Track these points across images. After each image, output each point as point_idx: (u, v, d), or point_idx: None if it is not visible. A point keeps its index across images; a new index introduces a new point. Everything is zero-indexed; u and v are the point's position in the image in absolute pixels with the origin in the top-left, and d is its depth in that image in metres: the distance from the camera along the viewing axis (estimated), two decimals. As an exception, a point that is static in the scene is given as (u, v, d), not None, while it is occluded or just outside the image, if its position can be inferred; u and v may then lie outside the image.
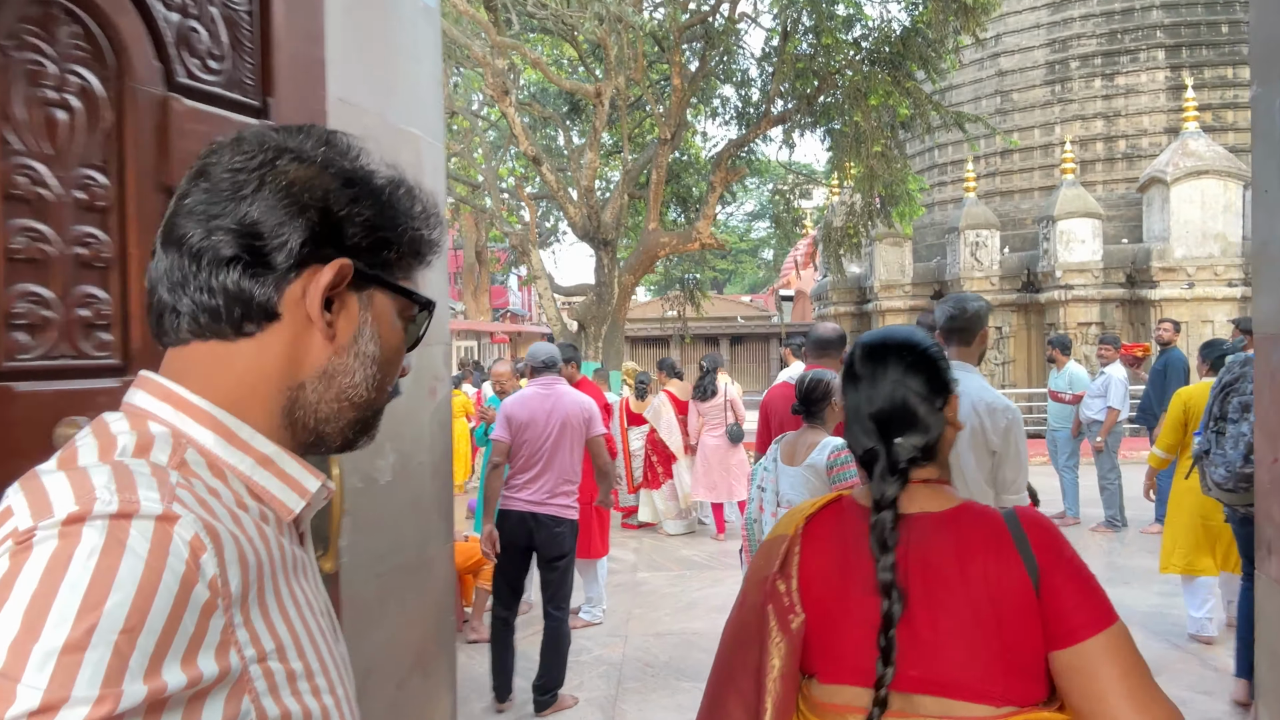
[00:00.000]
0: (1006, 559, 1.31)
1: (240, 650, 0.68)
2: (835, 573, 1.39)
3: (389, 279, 0.84)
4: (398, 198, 0.84)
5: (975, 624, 1.29)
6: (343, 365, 0.82)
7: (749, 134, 13.40)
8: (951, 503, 1.40)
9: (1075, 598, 1.31)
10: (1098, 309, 16.56)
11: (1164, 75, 17.89)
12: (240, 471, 0.77)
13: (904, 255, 18.96)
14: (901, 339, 1.49)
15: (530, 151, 11.76)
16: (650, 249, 13.86)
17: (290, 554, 0.80)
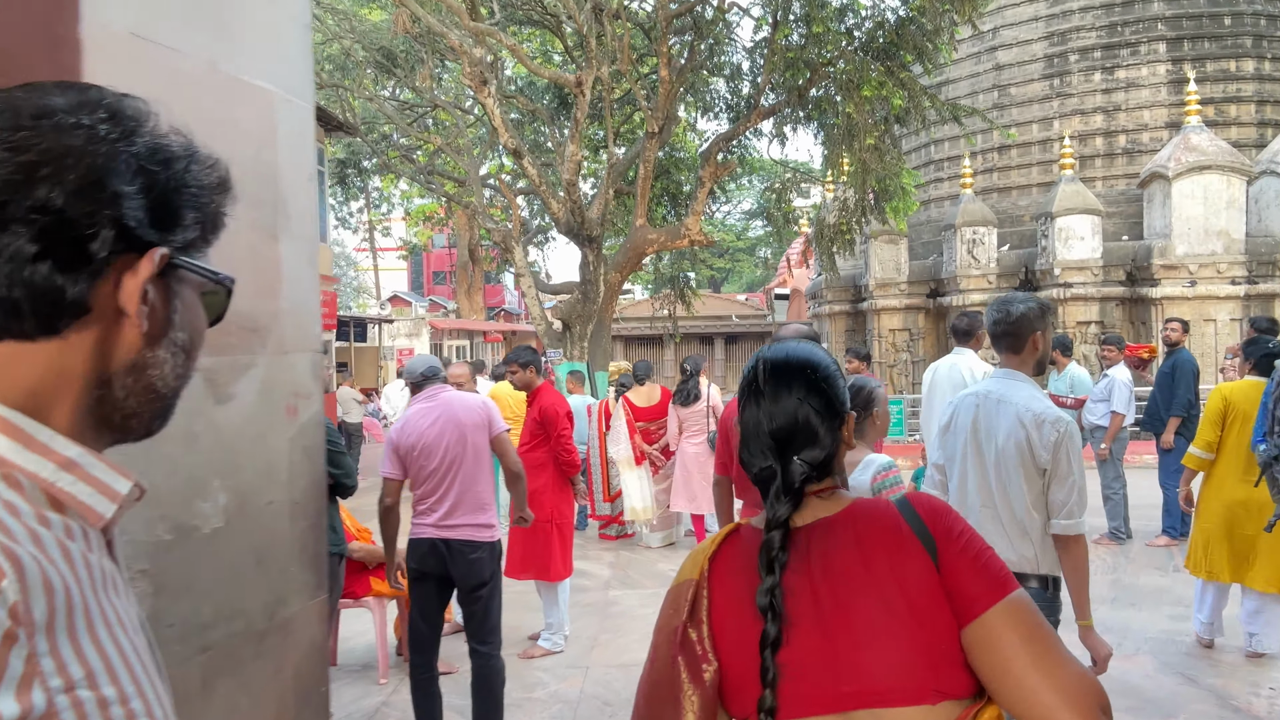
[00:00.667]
0: (906, 546, 1.27)
1: (45, 682, 0.62)
2: (747, 608, 1.29)
3: (194, 262, 0.78)
4: (196, 171, 0.77)
5: (892, 622, 1.24)
6: (154, 358, 0.76)
7: (738, 127, 12.87)
8: (844, 503, 1.34)
9: (970, 570, 1.26)
10: (1097, 308, 16.03)
11: (1165, 68, 17.35)
12: (41, 479, 0.70)
13: (900, 253, 18.44)
14: (804, 357, 1.41)
15: (511, 144, 11.23)
16: (638, 246, 13.34)
17: (99, 569, 0.73)
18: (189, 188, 0.76)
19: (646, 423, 8.11)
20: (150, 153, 0.73)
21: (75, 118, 0.70)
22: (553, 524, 5.26)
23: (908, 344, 18.62)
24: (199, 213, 0.77)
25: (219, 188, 0.79)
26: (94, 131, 0.71)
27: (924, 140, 20.04)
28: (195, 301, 0.79)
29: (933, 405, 5.61)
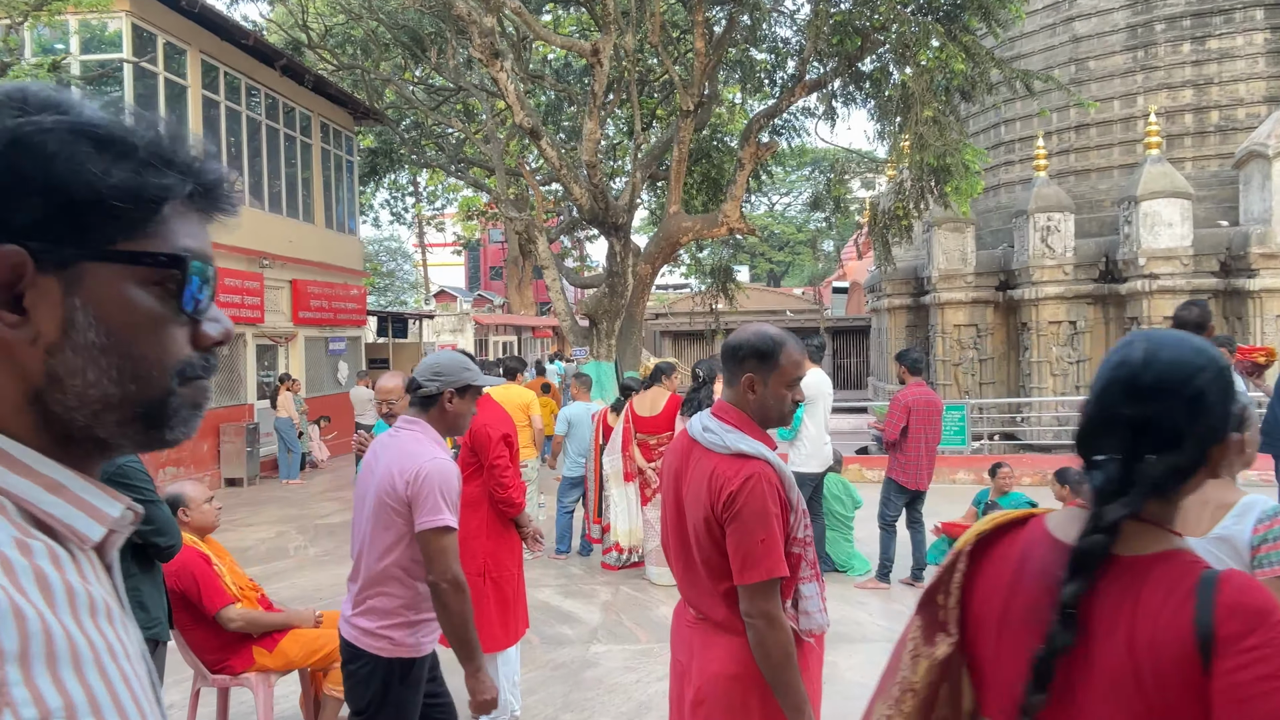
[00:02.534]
0: (1176, 637, 1.12)
1: (16, 712, 0.59)
2: (1002, 598, 1.26)
3: (95, 249, 0.69)
4: (83, 145, 0.68)
5: (1127, 690, 1.13)
6: (65, 365, 0.69)
7: (780, 103, 11.50)
8: (1163, 546, 1.20)
9: (1251, 700, 1.06)
10: (1187, 301, 14.21)
11: (1263, 37, 15.36)
12: (26, 501, 0.68)
13: (966, 242, 16.79)
14: (1196, 347, 1.25)
15: (527, 123, 10.06)
16: (671, 235, 12.07)
17: (85, 596, 0.68)
18: (68, 166, 0.67)
19: (647, 435, 6.81)
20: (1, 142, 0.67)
21: None
22: (487, 578, 4.02)
23: (974, 341, 16.95)
24: (91, 191, 0.68)
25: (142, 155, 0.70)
26: None
27: (993, 119, 18.31)
28: (126, 293, 0.70)
29: None
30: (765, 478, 2.20)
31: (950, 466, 11.21)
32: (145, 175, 0.70)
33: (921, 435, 6.44)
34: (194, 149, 0.75)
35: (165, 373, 0.72)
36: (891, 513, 6.55)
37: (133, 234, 0.70)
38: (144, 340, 0.71)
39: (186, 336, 0.74)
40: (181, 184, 0.73)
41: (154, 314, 0.72)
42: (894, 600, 6.34)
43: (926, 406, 6.49)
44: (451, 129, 14.03)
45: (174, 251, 0.72)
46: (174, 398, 0.73)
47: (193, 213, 0.75)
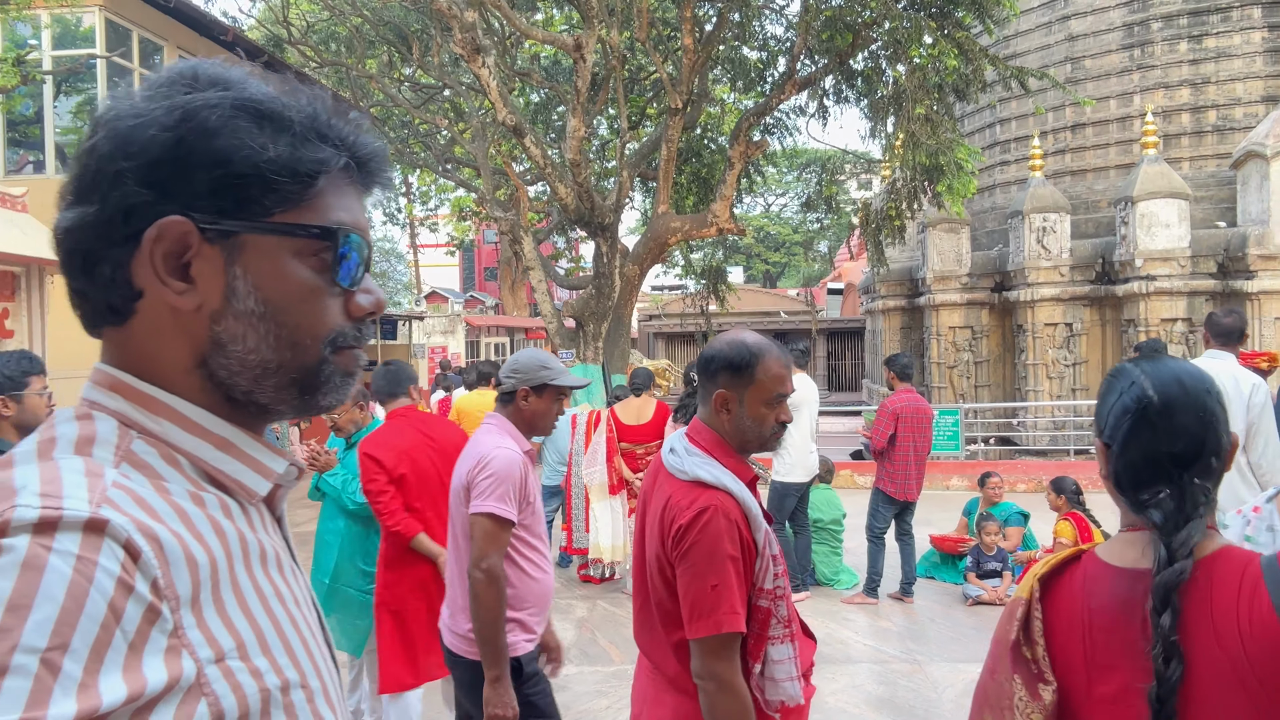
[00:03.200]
0: (1259, 621, 1.18)
1: (194, 652, 0.63)
2: (1082, 635, 1.31)
3: (254, 220, 0.72)
4: (245, 120, 0.71)
5: (1230, 692, 1.19)
6: (227, 332, 0.72)
7: (771, 100, 11.21)
8: (1214, 546, 1.27)
9: None
10: (1184, 303, 13.94)
11: (1261, 36, 15.10)
12: (198, 457, 0.72)
13: (960, 242, 16.52)
14: (1198, 374, 1.37)
15: (510, 121, 9.77)
16: (660, 235, 11.78)
17: (256, 544, 0.74)
18: (230, 142, 0.70)
19: (633, 444, 6.52)
20: (183, 113, 0.70)
21: (127, 100, 0.72)
22: (385, 609, 3.64)
23: (969, 343, 16.68)
24: (251, 166, 0.71)
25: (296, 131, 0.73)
26: (125, 107, 0.71)
27: (988, 119, 18.05)
28: (283, 264, 0.73)
29: None
30: (723, 512, 1.88)
31: (943, 473, 10.93)
32: (301, 149, 0.73)
33: (910, 444, 6.14)
34: (349, 124, 0.77)
35: (318, 341, 0.75)
36: (880, 524, 6.25)
37: (290, 206, 0.73)
38: (299, 309, 0.74)
39: (340, 307, 0.76)
40: (336, 157, 0.75)
41: (308, 284, 0.74)
42: (882, 617, 6.05)
43: (916, 414, 6.19)
44: (438, 128, 13.70)
45: (328, 224, 0.74)
46: (327, 365, 0.76)
47: (349, 186, 0.77)
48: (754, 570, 1.90)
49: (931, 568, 6.93)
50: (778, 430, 2.03)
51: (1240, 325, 4.85)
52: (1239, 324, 4.85)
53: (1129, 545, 1.33)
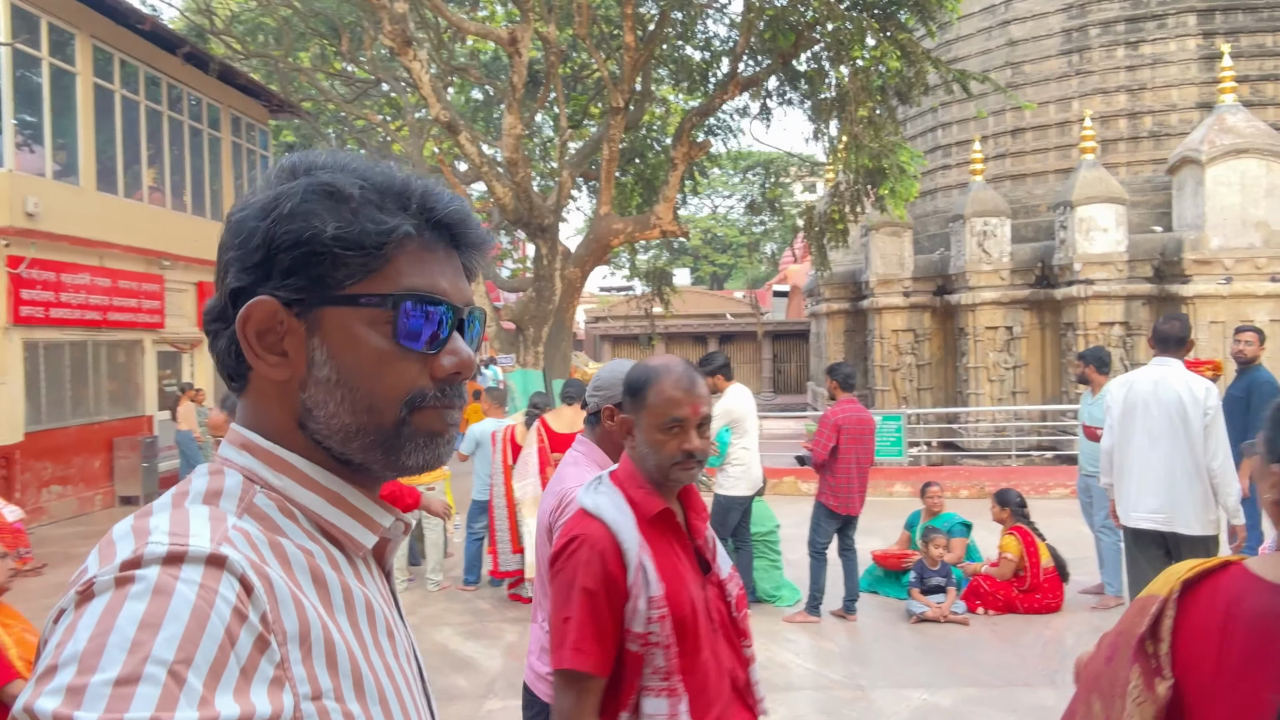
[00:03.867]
0: None
1: (295, 687, 0.67)
2: (1214, 640, 1.31)
3: (325, 293, 0.78)
4: (315, 202, 0.77)
5: None
6: (311, 399, 0.79)
7: (713, 100, 10.95)
8: None
9: None
10: (1122, 306, 14.04)
11: (1195, 43, 15.31)
12: (311, 510, 0.78)
13: (903, 246, 16.50)
14: None
15: (444, 117, 9.36)
16: (602, 237, 11.46)
17: (361, 596, 0.78)
18: (308, 222, 0.76)
19: (558, 453, 6.19)
20: (274, 200, 0.78)
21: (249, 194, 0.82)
22: None
23: (912, 346, 16.67)
24: (323, 243, 0.76)
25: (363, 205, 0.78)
26: (242, 201, 0.81)
27: (930, 123, 18.07)
28: (356, 331, 0.78)
29: (1132, 434, 4.73)
30: (589, 544, 1.74)
31: (887, 479, 10.78)
32: (365, 222, 0.77)
33: (853, 456, 5.90)
34: (424, 189, 0.81)
35: (393, 403, 0.79)
36: (822, 539, 6.00)
37: (360, 277, 0.78)
38: (370, 374, 0.78)
39: (422, 368, 0.80)
40: (402, 225, 0.78)
41: (378, 349, 0.78)
42: (824, 637, 5.79)
43: (858, 425, 5.95)
44: (371, 124, 13.19)
45: (394, 291, 0.78)
46: (406, 426, 0.79)
47: (429, 250, 0.81)
48: (621, 611, 1.73)
49: (875, 582, 6.71)
50: (683, 460, 1.80)
51: (1183, 332, 4.86)
52: (1183, 331, 4.84)
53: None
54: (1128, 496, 4.79)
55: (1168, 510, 4.57)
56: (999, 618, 6.01)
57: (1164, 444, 4.58)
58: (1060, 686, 4.81)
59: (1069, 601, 6.21)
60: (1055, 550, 6.29)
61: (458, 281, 0.83)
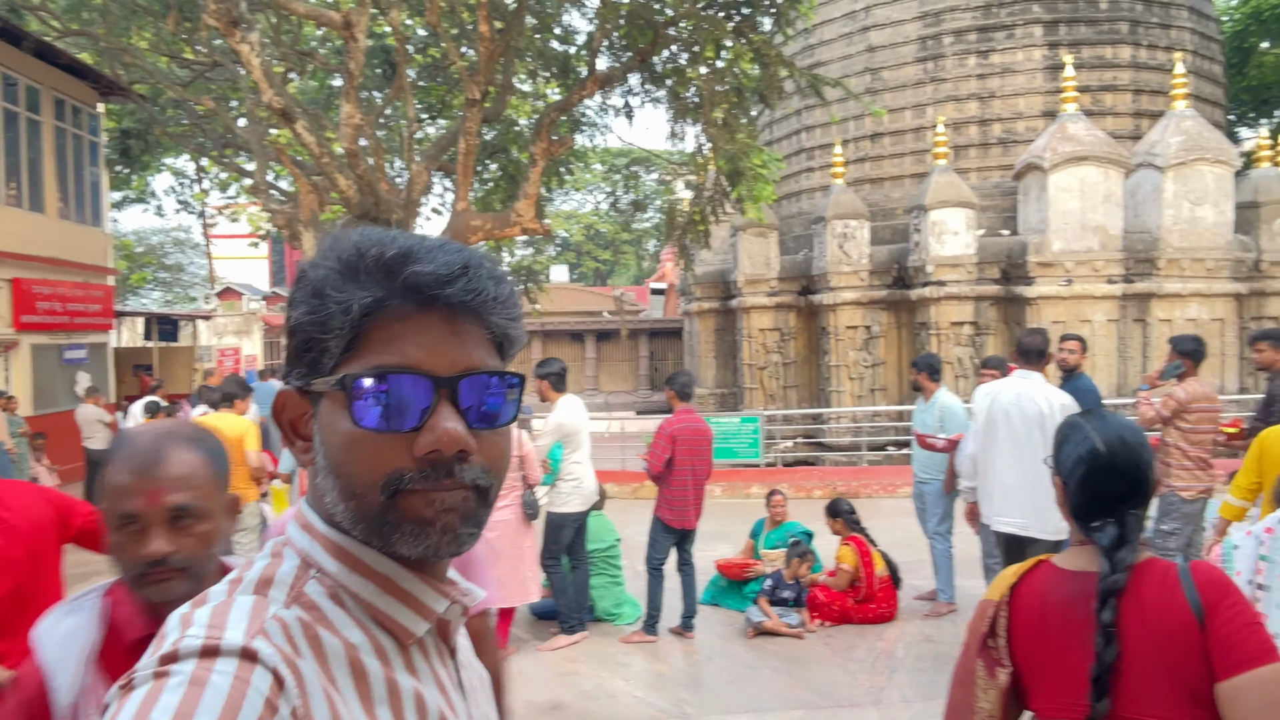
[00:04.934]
0: (1177, 607, 1.55)
1: None
2: (1037, 628, 1.65)
3: (309, 379, 0.78)
4: (299, 294, 0.78)
5: (1158, 664, 1.54)
6: (320, 484, 0.79)
7: (572, 96, 10.60)
8: (1140, 558, 1.65)
9: (1228, 641, 1.51)
10: (971, 307, 14.46)
11: (1041, 53, 15.90)
12: (363, 598, 0.77)
13: (769, 247, 16.59)
14: (1135, 428, 1.74)
15: (277, 103, 8.66)
16: (460, 234, 10.92)
17: (409, 689, 0.76)
18: (318, 308, 0.76)
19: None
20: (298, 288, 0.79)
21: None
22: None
23: (778, 345, 16.78)
24: (324, 328, 0.76)
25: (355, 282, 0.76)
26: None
27: (795, 126, 18.23)
28: (332, 416, 0.77)
29: (996, 442, 4.89)
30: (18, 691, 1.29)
31: (744, 480, 10.71)
32: (328, 303, 0.75)
33: (689, 468, 5.67)
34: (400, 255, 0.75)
35: (371, 488, 0.75)
36: (658, 555, 5.75)
37: (343, 358, 0.76)
38: (344, 459, 0.75)
39: (403, 448, 0.75)
40: (356, 300, 0.75)
41: (347, 433, 0.75)
42: (660, 658, 5.54)
43: (694, 436, 5.72)
44: (206, 108, 12.23)
45: (363, 369, 0.75)
46: (390, 513, 0.75)
47: (402, 320, 0.76)
48: None
49: (718, 593, 6.53)
50: (147, 572, 1.29)
51: (1042, 345, 5.03)
52: (1043, 344, 5.03)
53: (1079, 555, 1.68)
54: (991, 502, 4.97)
55: (1027, 516, 4.76)
56: (834, 629, 5.91)
57: (1024, 453, 4.76)
58: (885, 705, 4.70)
59: (904, 609, 6.18)
60: (889, 557, 6.24)
61: (443, 348, 0.76)
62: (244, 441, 6.32)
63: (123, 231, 31.61)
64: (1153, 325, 13.74)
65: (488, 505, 0.79)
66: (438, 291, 0.75)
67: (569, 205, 47.45)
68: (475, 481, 0.77)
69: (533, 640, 5.82)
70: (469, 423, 0.76)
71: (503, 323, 0.80)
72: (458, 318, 0.77)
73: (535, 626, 6.10)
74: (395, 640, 0.76)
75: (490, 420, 0.78)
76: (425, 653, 0.80)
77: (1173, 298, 13.66)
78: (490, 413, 0.78)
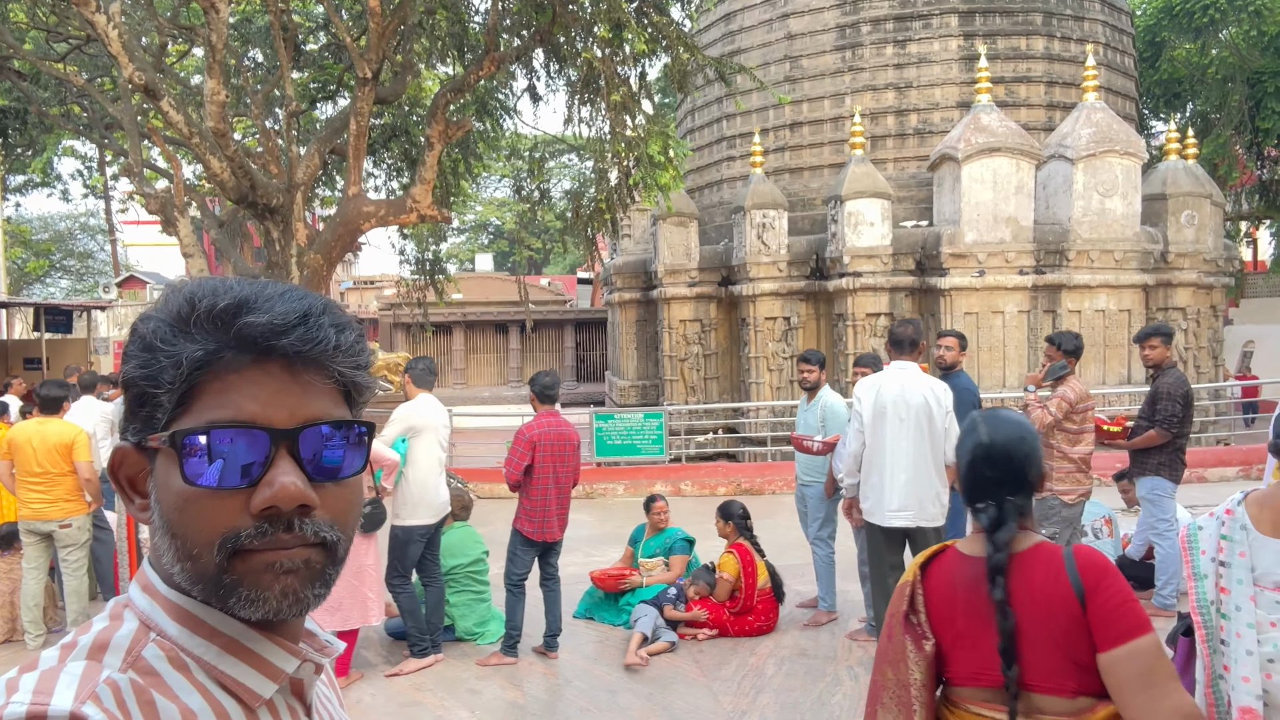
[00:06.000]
0: (1062, 587, 1.78)
1: None
2: (950, 605, 1.89)
3: (151, 438, 0.75)
4: (131, 348, 0.76)
5: (1045, 638, 1.77)
6: (158, 544, 0.76)
7: (468, 76, 10.02)
8: (1031, 542, 1.89)
9: (1105, 618, 1.73)
10: (887, 298, 14.27)
11: (957, 44, 15.74)
12: (205, 661, 0.73)
13: (689, 236, 16.20)
14: (1017, 421, 1.98)
15: (138, 79, 7.94)
16: (351, 220, 10.30)
17: None
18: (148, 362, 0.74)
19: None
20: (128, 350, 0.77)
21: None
22: None
23: (699, 336, 16.40)
24: (154, 383, 0.73)
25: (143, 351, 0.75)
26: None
27: (716, 114, 17.84)
28: (165, 474, 0.74)
29: (884, 437, 4.75)
30: None
31: (648, 478, 10.30)
32: (159, 358, 0.72)
33: (550, 475, 5.20)
34: (235, 305, 0.73)
35: (207, 548, 0.72)
36: (518, 570, 5.27)
37: (173, 414, 0.73)
38: (179, 518, 0.72)
39: (238, 506, 0.72)
40: (185, 354, 0.72)
41: (180, 491, 0.72)
42: (516, 683, 5.06)
43: (556, 440, 5.24)
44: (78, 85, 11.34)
45: (198, 426, 0.72)
46: (226, 575, 0.72)
47: (237, 372, 0.73)
48: None
49: (593, 606, 6.08)
50: None
51: (915, 335, 4.80)
52: (916, 334, 4.76)
53: (976, 541, 1.94)
54: (879, 496, 4.79)
55: (914, 508, 4.69)
56: (708, 643, 5.51)
57: (911, 445, 4.69)
58: (743, 735, 4.31)
59: (785, 617, 5.82)
60: (774, 570, 5.85)
61: (282, 399, 0.73)
62: (71, 451, 5.69)
63: (27, 217, 29.88)
64: (1062, 316, 13.69)
65: (336, 562, 0.76)
66: (273, 342, 0.73)
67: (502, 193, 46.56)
68: (320, 535, 0.74)
69: (382, 665, 5.30)
70: (311, 475, 0.74)
71: (348, 371, 0.78)
72: (297, 368, 0.75)
73: (390, 648, 5.58)
74: (240, 704, 0.73)
75: (334, 473, 0.76)
76: (276, 714, 0.76)
77: (1082, 289, 13.63)
78: (334, 465, 0.76)
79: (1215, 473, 10.69)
